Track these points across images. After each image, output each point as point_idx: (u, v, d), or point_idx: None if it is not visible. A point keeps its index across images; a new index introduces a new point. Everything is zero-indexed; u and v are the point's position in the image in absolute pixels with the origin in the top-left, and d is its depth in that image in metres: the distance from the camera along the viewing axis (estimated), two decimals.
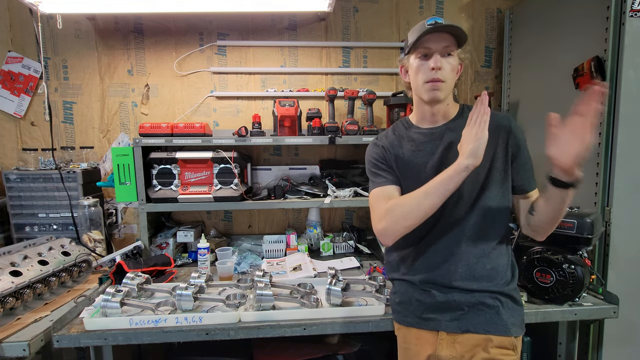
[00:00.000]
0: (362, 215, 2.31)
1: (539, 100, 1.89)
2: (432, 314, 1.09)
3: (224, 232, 2.25)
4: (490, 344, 1.04)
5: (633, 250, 1.48)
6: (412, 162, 1.14)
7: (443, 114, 1.14)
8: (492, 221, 1.09)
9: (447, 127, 1.13)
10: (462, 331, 1.06)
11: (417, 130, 1.17)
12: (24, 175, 1.93)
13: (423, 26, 1.05)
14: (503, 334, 1.04)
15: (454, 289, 1.07)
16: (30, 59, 2.07)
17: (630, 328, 1.50)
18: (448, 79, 1.06)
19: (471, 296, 1.06)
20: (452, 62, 1.06)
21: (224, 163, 1.86)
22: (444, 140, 1.11)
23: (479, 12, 2.25)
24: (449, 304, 1.07)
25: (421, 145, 1.14)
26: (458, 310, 1.07)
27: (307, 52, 2.20)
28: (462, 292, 1.06)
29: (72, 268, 1.60)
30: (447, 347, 1.06)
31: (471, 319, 1.06)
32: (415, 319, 1.12)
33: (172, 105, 2.17)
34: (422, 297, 1.11)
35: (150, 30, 2.12)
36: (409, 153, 1.15)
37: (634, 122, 1.43)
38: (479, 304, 1.06)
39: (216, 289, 1.46)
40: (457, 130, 1.08)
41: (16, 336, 1.17)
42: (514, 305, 1.09)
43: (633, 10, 1.38)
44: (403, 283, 1.16)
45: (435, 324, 1.08)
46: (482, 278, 1.06)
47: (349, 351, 1.73)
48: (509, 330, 1.05)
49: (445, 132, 1.12)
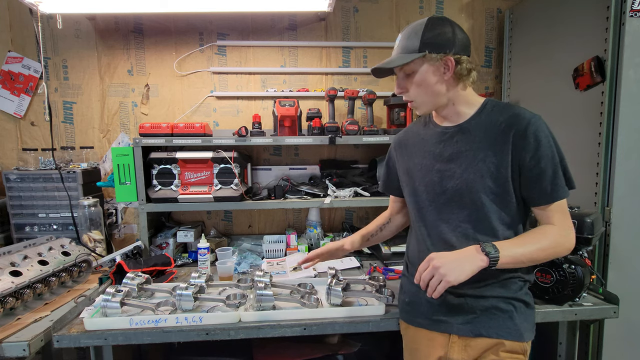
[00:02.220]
0: (362, 215, 2.31)
1: (539, 100, 1.89)
2: (443, 317, 1.08)
3: (224, 232, 2.25)
4: (502, 347, 1.02)
5: (633, 250, 1.48)
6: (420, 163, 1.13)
7: (454, 114, 1.07)
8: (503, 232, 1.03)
9: (460, 127, 1.06)
10: (474, 335, 1.04)
11: (434, 128, 1.13)
12: (24, 175, 1.93)
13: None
14: (516, 339, 1.03)
15: (468, 296, 1.05)
16: (30, 59, 2.07)
17: (630, 328, 1.50)
18: (415, 96, 1.05)
19: (485, 300, 1.04)
20: (417, 79, 1.02)
21: (224, 163, 1.86)
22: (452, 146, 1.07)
23: (479, 12, 2.25)
24: (461, 307, 1.06)
25: (432, 147, 1.11)
26: (470, 314, 1.05)
27: (307, 52, 2.20)
28: (475, 298, 1.05)
29: (72, 268, 1.60)
30: (458, 351, 1.06)
31: (484, 323, 1.04)
32: (426, 320, 1.11)
33: (172, 105, 2.17)
34: (433, 299, 1.08)
35: (150, 30, 2.12)
36: (418, 152, 1.15)
37: (634, 122, 1.43)
38: (492, 308, 1.04)
39: (216, 289, 1.46)
40: (470, 132, 1.04)
41: (16, 336, 1.17)
42: (526, 309, 1.07)
43: (633, 10, 1.38)
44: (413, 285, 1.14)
45: (446, 326, 1.07)
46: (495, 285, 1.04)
47: (349, 351, 1.73)
48: (522, 336, 1.04)
49: (457, 134, 1.06)
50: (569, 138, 1.62)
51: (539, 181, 0.98)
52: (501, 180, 1.00)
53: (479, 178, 1.02)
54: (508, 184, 1.01)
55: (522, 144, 0.97)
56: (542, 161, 0.97)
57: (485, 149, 1.02)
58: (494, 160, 1.00)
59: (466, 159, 1.04)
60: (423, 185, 1.11)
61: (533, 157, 0.97)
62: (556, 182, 0.97)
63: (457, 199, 1.05)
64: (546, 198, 0.99)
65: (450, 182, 1.06)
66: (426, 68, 1.01)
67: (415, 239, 1.18)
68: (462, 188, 1.04)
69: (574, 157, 1.59)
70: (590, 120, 1.53)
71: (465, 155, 1.04)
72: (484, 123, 1.03)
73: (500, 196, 1.01)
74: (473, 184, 1.02)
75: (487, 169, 1.01)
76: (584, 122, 1.57)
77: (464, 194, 1.04)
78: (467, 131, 1.05)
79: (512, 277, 1.05)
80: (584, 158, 1.55)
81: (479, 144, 1.03)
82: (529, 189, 1.00)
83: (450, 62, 1.00)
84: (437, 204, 1.09)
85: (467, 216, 1.04)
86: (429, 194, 1.10)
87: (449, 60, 1.00)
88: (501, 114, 1.02)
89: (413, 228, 1.21)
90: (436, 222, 1.09)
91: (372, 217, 2.29)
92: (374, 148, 2.20)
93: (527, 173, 0.98)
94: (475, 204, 1.03)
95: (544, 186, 0.98)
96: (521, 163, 0.98)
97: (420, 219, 1.14)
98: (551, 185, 0.97)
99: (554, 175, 0.97)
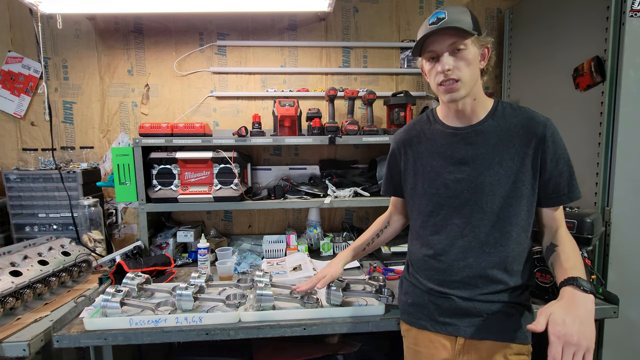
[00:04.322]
0: (362, 215, 2.31)
1: (539, 100, 1.89)
2: (449, 319, 1.07)
3: (224, 232, 2.25)
4: (509, 351, 1.03)
5: (633, 251, 1.48)
6: (429, 164, 1.10)
7: (471, 111, 1.04)
8: (516, 237, 1.03)
9: (474, 129, 1.04)
10: (481, 338, 1.04)
11: (442, 128, 1.10)
12: (24, 175, 1.93)
13: (425, 26, 0.98)
14: (522, 341, 1.03)
15: (475, 300, 1.05)
16: (30, 59, 2.07)
17: (630, 328, 1.50)
18: (464, 75, 0.96)
19: (492, 305, 1.04)
20: (467, 56, 0.96)
21: (224, 163, 1.86)
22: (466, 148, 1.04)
23: (478, 12, 2.24)
24: (468, 310, 1.05)
25: (441, 148, 1.08)
26: (477, 317, 1.05)
27: (307, 52, 2.20)
28: (483, 302, 1.04)
29: (72, 268, 1.60)
30: (465, 353, 1.05)
31: (491, 326, 1.04)
32: (430, 322, 1.10)
33: (172, 105, 2.17)
34: (439, 302, 1.08)
35: (150, 30, 2.12)
36: (426, 153, 1.11)
37: (634, 122, 1.43)
38: (499, 312, 1.04)
39: (216, 289, 1.46)
40: (484, 134, 1.03)
41: (16, 336, 1.17)
42: (528, 314, 1.08)
43: (633, 10, 1.38)
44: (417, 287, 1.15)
45: (453, 329, 1.07)
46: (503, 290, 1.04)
47: (349, 351, 1.73)
48: (527, 338, 1.04)
49: (471, 136, 1.04)
50: (569, 138, 1.60)
51: (558, 182, 1.00)
52: (518, 184, 1.01)
53: (496, 181, 1.01)
54: (525, 187, 1.01)
55: (542, 147, 0.99)
56: (560, 163, 1.00)
57: (501, 152, 1.01)
58: (511, 164, 1.00)
59: (482, 162, 1.02)
60: (434, 188, 1.09)
61: (552, 159, 0.99)
62: (572, 183, 1.01)
63: (471, 203, 1.03)
64: (563, 199, 1.02)
65: (465, 185, 1.04)
66: (474, 50, 0.98)
67: (421, 242, 1.14)
68: (478, 192, 1.02)
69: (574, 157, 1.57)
70: (590, 121, 1.53)
71: (482, 159, 1.02)
72: (499, 125, 1.03)
73: (516, 199, 1.01)
74: (490, 188, 1.01)
75: (505, 173, 1.01)
76: (584, 122, 1.56)
77: (479, 197, 1.02)
78: (482, 133, 1.04)
79: (521, 283, 1.05)
80: (584, 158, 1.55)
81: (494, 146, 1.02)
82: (547, 190, 1.02)
83: (488, 51, 1.01)
84: (449, 207, 1.07)
85: (480, 220, 1.03)
86: (440, 197, 1.08)
87: (488, 49, 1.01)
88: (515, 117, 1.02)
89: (416, 230, 1.18)
90: (448, 226, 1.07)
91: (372, 217, 2.32)
92: (374, 148, 2.20)
93: (547, 175, 1.01)
94: (490, 208, 1.02)
95: (562, 187, 1.01)
96: (542, 165, 1.00)
97: (429, 223, 1.11)
98: (568, 186, 1.01)
99: (570, 177, 1.01)
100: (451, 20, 0.95)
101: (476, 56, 0.99)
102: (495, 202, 1.01)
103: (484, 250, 1.03)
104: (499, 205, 1.01)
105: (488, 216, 1.02)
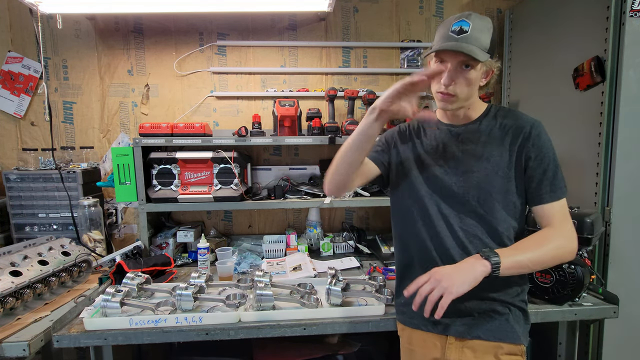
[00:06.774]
0: (362, 215, 2.31)
1: (539, 100, 1.89)
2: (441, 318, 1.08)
3: (224, 232, 2.25)
4: (500, 351, 1.03)
5: (633, 250, 1.48)
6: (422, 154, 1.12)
7: (464, 115, 1.09)
8: (505, 233, 1.04)
9: (467, 128, 1.08)
10: (471, 337, 1.05)
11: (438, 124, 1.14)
12: (24, 175, 1.93)
13: (447, 29, 0.99)
14: (514, 341, 1.04)
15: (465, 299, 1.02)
16: (30, 59, 2.07)
17: (630, 328, 1.50)
18: (461, 93, 1.00)
19: (483, 303, 1.05)
20: (471, 76, 0.98)
21: (224, 163, 1.86)
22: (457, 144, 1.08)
23: (478, 12, 2.18)
24: (459, 310, 1.05)
25: (434, 141, 1.12)
26: (468, 316, 1.06)
27: (307, 52, 2.20)
28: (473, 300, 1.04)
29: (72, 268, 1.60)
30: (455, 352, 1.05)
31: (481, 325, 1.04)
32: (423, 321, 1.11)
33: (172, 105, 2.17)
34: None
35: (150, 30, 2.12)
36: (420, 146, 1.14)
37: (634, 122, 1.43)
38: (490, 311, 1.05)
39: (216, 289, 1.46)
40: (475, 133, 1.06)
41: (16, 336, 1.17)
42: (522, 315, 1.08)
43: (633, 10, 1.38)
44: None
45: (443, 327, 1.07)
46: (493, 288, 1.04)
47: (349, 351, 1.73)
48: (519, 338, 1.04)
49: (463, 133, 1.08)
50: (569, 138, 1.62)
51: (542, 179, 1.02)
52: (505, 180, 1.03)
53: (483, 177, 1.03)
54: (510, 183, 1.03)
55: (527, 144, 1.02)
56: (544, 161, 1.02)
57: (490, 149, 1.04)
58: (499, 159, 1.03)
59: (471, 158, 1.05)
60: (424, 182, 1.10)
61: (537, 156, 1.02)
62: (556, 181, 1.02)
63: (459, 197, 1.05)
64: (545, 197, 1.02)
65: (453, 179, 1.06)
66: (479, 70, 1.00)
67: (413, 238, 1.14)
68: (465, 186, 1.05)
69: (574, 157, 1.59)
70: (590, 120, 1.53)
71: (471, 154, 1.06)
72: (490, 125, 1.07)
73: (502, 194, 1.03)
74: (477, 183, 1.04)
75: (492, 168, 1.03)
76: (584, 122, 1.56)
77: (467, 191, 1.05)
78: (474, 131, 1.08)
79: (511, 282, 1.05)
80: (584, 158, 1.55)
81: (484, 144, 1.05)
82: (532, 187, 1.03)
83: (492, 73, 1.04)
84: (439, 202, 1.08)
85: (470, 212, 1.05)
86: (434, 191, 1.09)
87: (492, 72, 1.04)
88: (505, 117, 1.07)
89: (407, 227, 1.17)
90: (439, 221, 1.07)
91: (372, 216, 2.32)
92: None
93: (531, 172, 1.02)
94: (478, 202, 1.04)
95: (546, 184, 1.02)
96: (526, 162, 1.02)
97: (419, 218, 1.11)
98: (551, 184, 1.02)
99: (554, 175, 1.02)
100: (472, 38, 0.96)
101: (480, 77, 1.01)
102: (482, 197, 1.03)
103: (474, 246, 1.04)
104: (486, 200, 1.03)
105: (478, 209, 1.04)
